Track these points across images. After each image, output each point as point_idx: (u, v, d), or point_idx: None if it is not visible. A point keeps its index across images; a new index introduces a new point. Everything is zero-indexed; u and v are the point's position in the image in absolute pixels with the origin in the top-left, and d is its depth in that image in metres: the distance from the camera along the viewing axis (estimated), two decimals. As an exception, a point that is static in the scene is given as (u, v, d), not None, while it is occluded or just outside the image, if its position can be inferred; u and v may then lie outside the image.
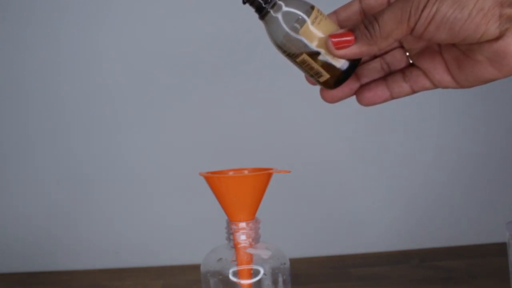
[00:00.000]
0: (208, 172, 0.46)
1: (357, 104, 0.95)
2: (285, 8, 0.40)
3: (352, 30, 0.39)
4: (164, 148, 0.87)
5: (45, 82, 0.85)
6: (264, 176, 0.44)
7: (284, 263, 0.46)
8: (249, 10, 0.43)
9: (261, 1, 0.41)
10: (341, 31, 0.39)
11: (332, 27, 0.40)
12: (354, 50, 0.38)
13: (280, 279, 0.45)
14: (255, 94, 0.86)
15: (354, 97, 0.46)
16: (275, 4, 0.40)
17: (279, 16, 0.40)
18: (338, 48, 0.39)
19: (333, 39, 0.39)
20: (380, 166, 0.89)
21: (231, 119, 0.87)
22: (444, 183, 0.89)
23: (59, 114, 0.86)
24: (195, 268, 0.53)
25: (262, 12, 0.41)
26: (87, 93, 0.86)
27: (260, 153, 0.85)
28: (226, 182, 0.44)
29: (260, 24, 0.43)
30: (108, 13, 0.85)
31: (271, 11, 0.41)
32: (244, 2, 0.41)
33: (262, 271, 0.44)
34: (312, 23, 0.40)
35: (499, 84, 0.93)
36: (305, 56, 0.41)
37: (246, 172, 0.47)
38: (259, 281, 0.44)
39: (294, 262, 0.58)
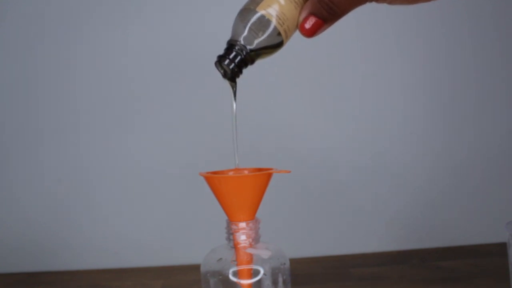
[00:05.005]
0: (208, 172, 0.46)
1: (358, 105, 0.95)
2: (259, 58, 0.44)
3: (314, 14, 0.43)
4: (164, 148, 0.87)
5: (47, 82, 0.85)
6: (264, 176, 0.44)
7: (284, 263, 0.46)
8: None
9: (239, 65, 0.44)
10: (303, 15, 0.43)
11: (295, 14, 0.43)
12: (326, 27, 0.43)
13: (280, 279, 0.45)
14: (255, 94, 0.86)
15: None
16: (249, 61, 0.44)
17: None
18: (312, 34, 0.43)
19: (305, 30, 0.43)
20: (381, 167, 0.89)
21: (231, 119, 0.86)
22: (444, 184, 0.89)
23: (61, 113, 0.86)
24: (195, 268, 0.53)
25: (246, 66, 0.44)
26: (89, 93, 0.86)
27: (260, 153, 0.85)
28: (226, 182, 0.44)
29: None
30: (109, 14, 0.85)
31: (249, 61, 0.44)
32: (228, 77, 0.45)
33: (262, 271, 0.44)
34: (285, 38, 0.43)
35: (499, 85, 0.94)
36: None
37: (246, 172, 0.47)
38: (259, 281, 0.44)
39: (294, 262, 0.58)
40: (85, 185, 0.86)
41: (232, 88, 0.46)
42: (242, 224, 0.45)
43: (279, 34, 0.43)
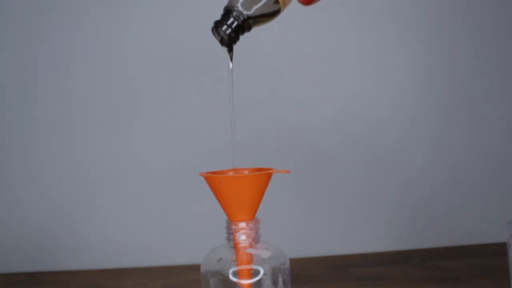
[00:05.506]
0: (208, 172, 0.46)
1: (356, 105, 0.95)
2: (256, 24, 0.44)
3: None
4: (164, 148, 0.87)
5: (47, 81, 0.85)
6: (264, 176, 0.44)
7: (284, 263, 0.46)
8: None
9: (236, 31, 0.43)
10: None
11: None
12: None
13: (280, 279, 0.45)
14: (255, 93, 0.86)
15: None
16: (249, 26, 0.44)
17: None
18: (309, 3, 0.44)
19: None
20: (380, 166, 0.89)
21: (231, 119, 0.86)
22: (444, 183, 0.89)
23: (61, 113, 0.86)
24: (195, 268, 0.53)
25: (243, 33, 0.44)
26: (90, 94, 0.86)
27: (260, 153, 0.85)
28: (226, 182, 0.44)
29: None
30: (109, 14, 0.85)
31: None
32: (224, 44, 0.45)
33: (262, 271, 0.44)
34: (283, 5, 0.43)
35: (498, 83, 0.93)
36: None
37: (246, 172, 0.47)
38: (259, 281, 0.44)
39: (294, 262, 0.58)
40: (85, 185, 0.86)
41: (229, 53, 0.45)
42: (242, 224, 0.45)
43: (276, 1, 0.42)
